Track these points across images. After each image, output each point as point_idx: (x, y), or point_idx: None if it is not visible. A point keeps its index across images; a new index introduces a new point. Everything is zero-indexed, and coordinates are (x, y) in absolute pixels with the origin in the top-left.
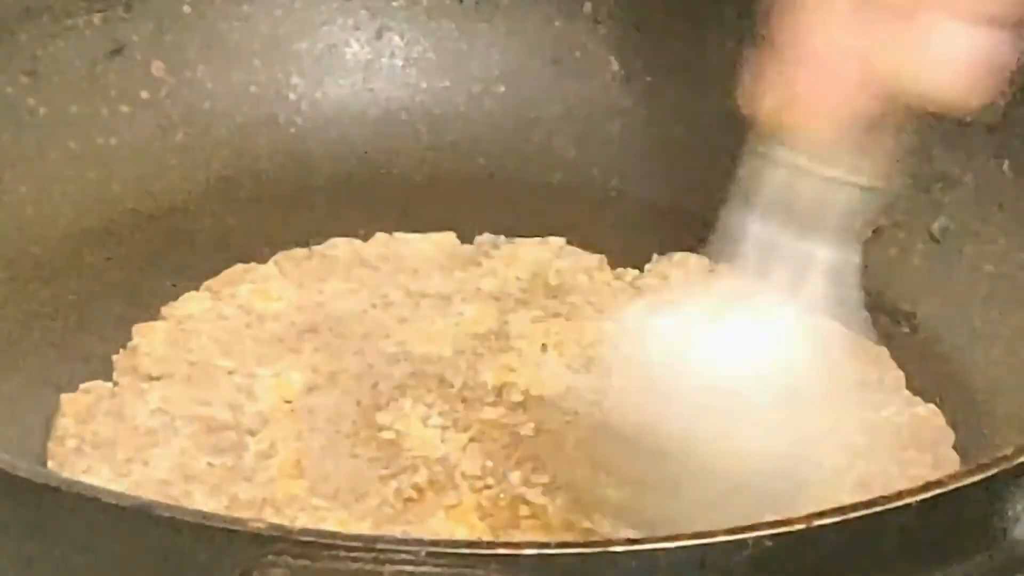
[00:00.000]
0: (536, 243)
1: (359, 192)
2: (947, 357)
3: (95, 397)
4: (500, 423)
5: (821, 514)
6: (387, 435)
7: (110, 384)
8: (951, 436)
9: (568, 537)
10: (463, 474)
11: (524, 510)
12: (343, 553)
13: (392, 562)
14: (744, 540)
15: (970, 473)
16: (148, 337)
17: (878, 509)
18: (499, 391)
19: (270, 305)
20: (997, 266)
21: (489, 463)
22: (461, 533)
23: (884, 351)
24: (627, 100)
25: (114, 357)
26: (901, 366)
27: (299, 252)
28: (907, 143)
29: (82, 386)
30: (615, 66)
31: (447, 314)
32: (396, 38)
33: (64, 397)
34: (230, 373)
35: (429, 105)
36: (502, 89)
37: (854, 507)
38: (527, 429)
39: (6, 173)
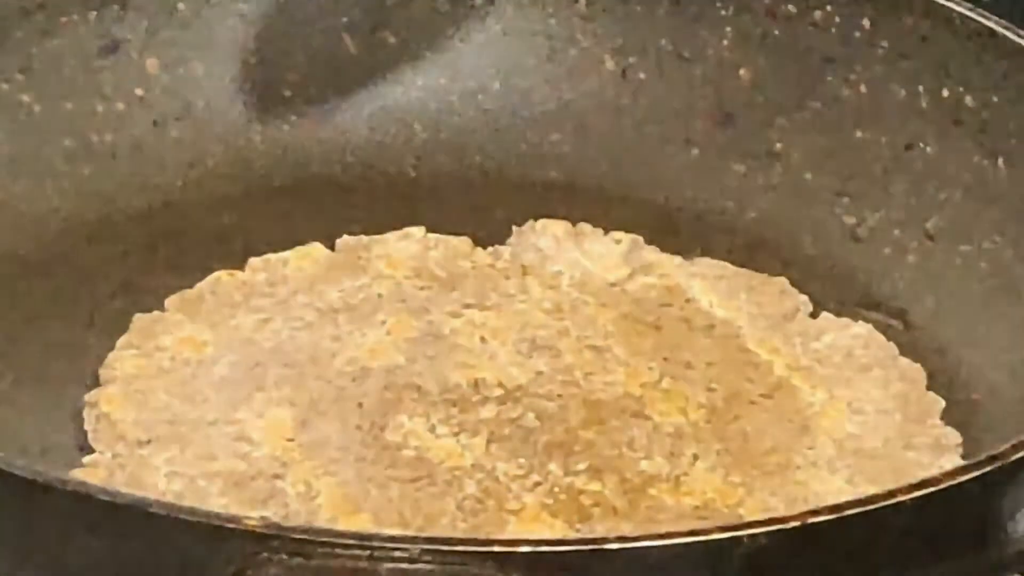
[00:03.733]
0: (400, 236)
1: (354, 189)
2: (942, 355)
3: (107, 470)
4: (502, 419)
5: (816, 512)
6: (409, 453)
7: (109, 455)
8: (895, 347)
9: (640, 519)
10: (507, 476)
11: (586, 499)
12: (338, 551)
13: (387, 560)
14: (739, 537)
15: (965, 470)
16: (111, 404)
17: (873, 507)
18: (476, 388)
19: (202, 351)
20: (992, 264)
21: (522, 460)
22: (547, 535)
23: (784, 280)
24: (624, 98)
25: (88, 429)
26: None
27: (190, 293)
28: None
29: (85, 459)
30: (610, 64)
31: (371, 324)
32: (390, 35)
33: (77, 473)
34: (212, 424)
35: (424, 102)
36: (496, 86)
37: (849, 505)
38: (530, 420)
39: (1, 171)
